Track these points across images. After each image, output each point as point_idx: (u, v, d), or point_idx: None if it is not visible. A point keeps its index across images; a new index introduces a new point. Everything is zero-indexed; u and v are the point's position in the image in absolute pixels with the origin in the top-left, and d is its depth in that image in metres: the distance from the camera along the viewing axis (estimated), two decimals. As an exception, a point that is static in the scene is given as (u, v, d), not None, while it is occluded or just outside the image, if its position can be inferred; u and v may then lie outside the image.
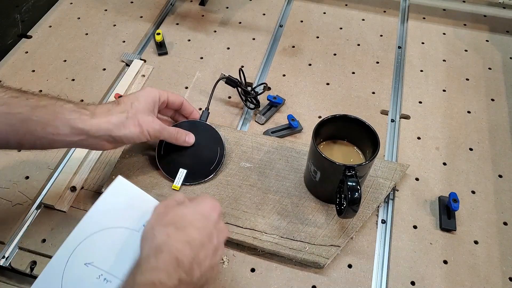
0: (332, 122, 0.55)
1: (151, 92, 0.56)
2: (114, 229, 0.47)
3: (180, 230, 0.42)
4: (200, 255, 0.42)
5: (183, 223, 0.43)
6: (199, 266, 0.42)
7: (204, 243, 0.43)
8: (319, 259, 0.53)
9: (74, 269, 0.45)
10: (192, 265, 0.41)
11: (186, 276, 0.40)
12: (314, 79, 0.76)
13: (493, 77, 0.77)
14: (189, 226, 0.43)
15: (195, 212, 0.45)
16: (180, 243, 0.41)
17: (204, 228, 0.44)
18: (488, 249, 0.56)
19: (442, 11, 0.90)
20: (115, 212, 0.47)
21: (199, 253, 0.42)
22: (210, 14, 0.88)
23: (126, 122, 0.52)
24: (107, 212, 0.47)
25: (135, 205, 0.48)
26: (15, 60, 0.78)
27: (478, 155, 0.66)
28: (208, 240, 0.43)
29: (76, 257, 0.45)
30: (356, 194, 0.49)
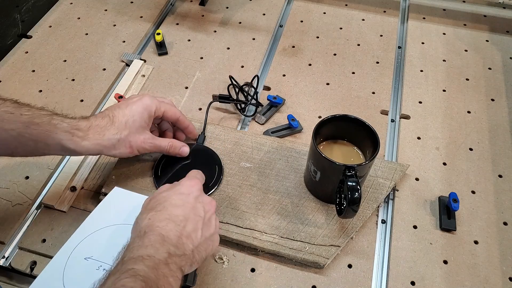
0: (332, 122, 0.55)
1: (148, 106, 0.55)
2: (111, 226, 0.51)
3: (161, 211, 0.45)
4: (187, 229, 0.44)
5: (163, 205, 0.45)
6: (189, 238, 0.44)
7: (188, 217, 0.45)
8: (319, 259, 0.53)
9: (75, 264, 0.48)
10: (180, 238, 0.43)
11: (176, 249, 0.42)
12: (314, 79, 0.76)
13: (493, 77, 0.77)
14: (168, 206, 0.45)
15: (173, 193, 0.47)
16: (162, 221, 0.43)
17: (184, 203, 0.46)
18: (488, 249, 0.56)
19: (442, 11, 0.90)
20: (111, 214, 0.52)
21: (185, 226, 0.44)
22: (210, 14, 0.88)
23: (117, 144, 0.53)
24: (104, 215, 0.52)
25: (129, 205, 0.53)
26: (15, 60, 0.78)
27: (478, 155, 0.66)
28: (192, 213, 0.45)
29: (77, 253, 0.49)
30: (356, 194, 0.49)
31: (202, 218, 0.46)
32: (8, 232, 0.56)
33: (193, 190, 0.48)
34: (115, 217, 0.52)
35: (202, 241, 0.45)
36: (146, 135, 0.56)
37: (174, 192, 0.47)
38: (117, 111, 0.54)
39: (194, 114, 0.70)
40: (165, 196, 0.47)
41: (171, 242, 0.42)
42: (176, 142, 0.59)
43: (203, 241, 0.45)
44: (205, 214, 0.46)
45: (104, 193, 0.58)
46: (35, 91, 0.73)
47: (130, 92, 0.73)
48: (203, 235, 0.45)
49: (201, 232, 0.45)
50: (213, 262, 0.54)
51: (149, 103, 0.56)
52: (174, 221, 0.43)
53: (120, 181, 0.60)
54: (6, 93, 0.72)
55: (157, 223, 0.43)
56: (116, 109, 0.54)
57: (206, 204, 0.48)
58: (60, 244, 0.55)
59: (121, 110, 0.54)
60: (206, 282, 0.52)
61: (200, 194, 0.48)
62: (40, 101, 0.71)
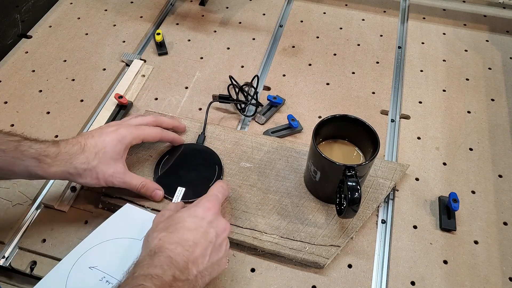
0: (332, 122, 0.55)
1: (123, 138, 0.54)
2: (118, 239, 0.52)
3: (172, 233, 0.45)
4: (195, 254, 0.44)
5: (175, 227, 0.45)
6: (195, 264, 0.43)
7: (198, 242, 0.44)
8: (319, 259, 0.53)
9: (79, 272, 0.49)
10: (187, 264, 0.43)
11: (180, 274, 0.42)
12: (314, 79, 0.76)
13: (493, 77, 0.77)
14: (180, 229, 0.45)
15: (187, 215, 0.47)
16: (172, 244, 0.43)
17: (197, 227, 0.45)
18: (488, 249, 0.56)
19: (442, 11, 0.90)
20: (120, 228, 0.54)
21: (193, 252, 0.44)
22: (210, 14, 0.88)
23: (84, 174, 0.52)
24: (113, 228, 0.54)
25: (138, 222, 0.54)
26: (15, 60, 0.78)
27: (478, 155, 0.66)
28: (203, 238, 0.45)
29: (82, 262, 0.49)
30: (356, 194, 0.49)
31: (212, 243, 0.45)
32: (8, 232, 0.56)
33: (209, 214, 0.47)
34: (124, 231, 0.53)
35: (208, 265, 0.45)
36: (118, 168, 0.54)
37: (189, 214, 0.47)
38: (90, 140, 0.53)
39: (194, 114, 0.70)
40: (179, 217, 0.46)
41: (178, 266, 0.42)
42: (150, 183, 0.57)
43: (209, 266, 0.45)
44: (216, 239, 0.46)
45: (104, 194, 0.58)
46: (35, 91, 0.73)
47: (130, 92, 0.73)
48: (210, 260, 0.45)
49: (208, 257, 0.45)
50: (213, 262, 0.54)
51: (125, 135, 0.55)
52: (183, 245, 0.43)
53: (120, 181, 0.59)
54: (6, 93, 0.72)
55: (167, 245, 0.43)
56: (89, 138, 0.53)
57: (219, 229, 0.47)
58: (60, 244, 0.55)
59: (94, 139, 0.53)
60: (206, 282, 0.52)
61: (215, 218, 0.48)
62: (40, 101, 0.71)
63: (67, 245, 0.55)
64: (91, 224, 0.57)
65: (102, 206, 0.59)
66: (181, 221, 0.46)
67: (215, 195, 0.51)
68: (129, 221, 0.54)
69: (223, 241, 0.47)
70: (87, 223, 0.57)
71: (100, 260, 0.50)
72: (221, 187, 0.53)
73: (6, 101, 0.71)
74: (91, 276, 0.48)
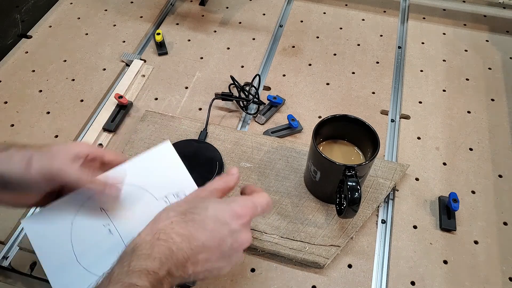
0: (332, 122, 0.55)
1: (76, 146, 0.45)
2: (138, 188, 0.46)
3: (187, 222, 0.40)
4: (199, 256, 0.40)
5: (193, 217, 0.40)
6: (194, 265, 0.40)
7: (207, 247, 0.40)
8: (319, 259, 0.53)
9: (88, 208, 0.45)
10: (186, 262, 0.39)
11: (175, 271, 0.38)
12: (314, 79, 0.76)
13: (493, 77, 0.77)
14: (197, 223, 0.40)
15: (213, 211, 0.41)
16: (179, 235, 0.39)
17: (214, 232, 0.40)
18: (488, 249, 0.56)
19: (442, 11, 0.90)
20: (147, 173, 0.47)
21: (198, 254, 0.40)
22: (210, 14, 0.88)
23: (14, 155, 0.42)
24: (140, 170, 0.47)
25: (168, 175, 0.47)
26: (15, 60, 0.78)
27: (478, 155, 0.66)
28: (216, 245, 0.40)
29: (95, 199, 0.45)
30: (356, 194, 0.49)
31: (221, 253, 0.41)
32: (8, 232, 0.56)
33: (236, 223, 0.41)
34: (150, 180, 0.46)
35: (207, 269, 0.41)
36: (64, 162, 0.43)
37: (216, 210, 0.41)
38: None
39: (194, 114, 0.70)
40: (204, 209, 0.41)
41: (176, 262, 0.38)
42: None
43: (208, 270, 0.41)
44: (229, 251, 0.41)
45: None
46: (35, 91, 0.73)
47: (130, 92, 0.73)
48: (212, 266, 0.41)
49: (211, 263, 0.40)
50: (213, 262, 0.54)
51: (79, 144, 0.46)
52: (190, 242, 0.39)
53: (120, 181, 0.59)
54: (6, 93, 0.72)
55: (174, 235, 0.39)
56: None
57: (238, 242, 0.42)
58: (60, 244, 0.55)
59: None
60: (206, 282, 0.52)
61: (240, 229, 0.41)
62: (40, 101, 0.71)
63: (67, 245, 0.55)
64: (91, 224, 0.57)
65: (102, 206, 0.59)
66: (202, 214, 0.40)
67: (254, 206, 0.43)
68: (161, 168, 0.47)
69: (235, 254, 0.42)
70: (87, 223, 0.57)
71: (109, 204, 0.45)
72: (267, 202, 0.44)
73: (6, 101, 0.71)
74: (97, 217, 0.44)
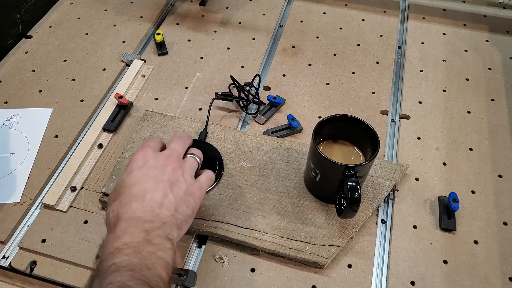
0: (332, 122, 0.55)
1: None
2: None
3: (121, 197, 0.43)
4: (155, 198, 0.42)
5: (120, 191, 0.43)
6: (162, 206, 0.42)
7: (149, 189, 0.43)
8: (319, 259, 0.53)
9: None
10: (151, 212, 0.41)
11: (151, 224, 0.40)
12: (314, 79, 0.76)
13: (493, 77, 0.77)
14: (125, 189, 0.43)
15: (126, 175, 0.45)
16: (125, 206, 0.42)
17: (139, 178, 0.44)
18: (488, 249, 0.56)
19: (442, 11, 0.90)
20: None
21: (152, 198, 0.42)
22: (210, 14, 0.88)
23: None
24: None
25: None
26: (15, 60, 0.78)
27: (478, 155, 0.66)
28: (153, 182, 0.43)
29: None
30: (356, 194, 0.49)
31: (166, 181, 0.44)
32: (8, 232, 0.56)
33: (145, 161, 0.45)
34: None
35: (178, 201, 0.43)
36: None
37: (127, 173, 0.45)
38: None
39: (194, 114, 0.70)
40: (120, 182, 0.45)
41: (144, 220, 0.40)
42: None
43: (179, 201, 0.43)
44: (168, 176, 0.44)
45: (104, 193, 0.58)
46: (35, 91, 0.73)
47: (130, 92, 0.73)
48: (176, 196, 0.44)
49: (171, 195, 0.43)
50: (213, 262, 0.54)
51: None
52: (136, 199, 0.42)
53: (120, 181, 0.60)
54: (6, 93, 0.72)
55: (121, 209, 0.42)
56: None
57: (165, 166, 0.45)
58: (60, 244, 0.55)
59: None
60: (206, 282, 0.52)
61: (153, 160, 0.46)
62: (40, 101, 0.71)
63: (67, 245, 0.55)
64: (91, 224, 0.57)
65: (102, 206, 0.59)
66: (123, 183, 0.44)
67: (145, 144, 0.48)
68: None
69: (176, 174, 0.45)
70: (87, 223, 0.57)
71: None
72: (148, 140, 0.50)
73: (6, 101, 0.71)
74: None
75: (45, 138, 0.66)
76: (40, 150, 0.64)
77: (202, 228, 0.55)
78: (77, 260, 0.54)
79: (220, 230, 0.55)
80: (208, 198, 0.58)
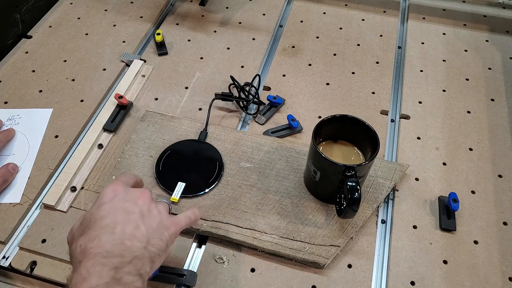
0: (332, 122, 0.55)
1: None
2: None
3: (90, 230, 0.40)
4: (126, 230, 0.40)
5: (89, 225, 0.41)
6: (134, 238, 0.40)
7: (120, 221, 0.41)
8: (319, 259, 0.53)
9: None
10: (121, 245, 0.39)
11: (121, 258, 0.38)
12: (314, 79, 0.76)
13: (493, 77, 0.77)
14: (95, 222, 0.41)
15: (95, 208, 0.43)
16: (93, 240, 0.39)
17: (110, 210, 0.42)
18: (488, 249, 0.56)
19: (442, 11, 0.90)
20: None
21: (122, 230, 0.40)
22: (210, 14, 0.88)
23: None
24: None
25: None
26: (15, 60, 0.78)
27: (478, 155, 0.66)
28: (124, 214, 0.42)
29: None
30: (356, 194, 0.49)
31: (138, 213, 0.42)
32: (8, 232, 0.56)
33: (115, 194, 0.44)
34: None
35: (151, 233, 0.41)
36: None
37: (96, 206, 0.43)
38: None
39: (194, 114, 0.70)
40: (89, 215, 0.42)
41: (112, 254, 0.38)
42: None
43: (152, 233, 0.41)
44: (140, 208, 0.43)
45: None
46: (35, 91, 0.73)
47: (130, 92, 0.73)
48: (148, 227, 0.41)
49: (144, 226, 0.41)
50: (213, 262, 0.54)
51: None
52: (105, 232, 0.39)
53: (120, 181, 0.60)
54: (6, 93, 0.72)
55: (89, 243, 0.39)
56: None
57: (136, 199, 0.44)
58: (60, 244, 0.55)
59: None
60: (206, 282, 0.52)
61: (124, 194, 0.44)
62: (40, 101, 0.71)
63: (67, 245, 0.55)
64: (91, 224, 0.57)
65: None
66: (92, 216, 0.42)
67: (116, 180, 0.47)
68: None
69: (149, 206, 0.44)
70: (87, 223, 0.57)
71: None
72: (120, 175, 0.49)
73: (6, 101, 0.71)
74: None
75: (45, 138, 0.66)
76: (40, 150, 0.64)
77: (202, 228, 0.55)
78: (77, 260, 0.54)
79: (220, 230, 0.55)
80: (208, 199, 0.58)
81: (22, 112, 0.69)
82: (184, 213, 0.48)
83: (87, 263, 0.37)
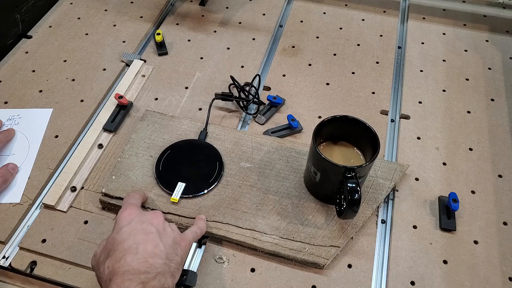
0: (332, 123, 0.55)
1: None
2: None
3: (114, 253, 0.44)
4: (147, 250, 0.44)
5: (113, 248, 0.45)
6: (155, 256, 0.44)
7: (141, 241, 0.45)
8: (319, 259, 0.53)
9: None
10: (145, 263, 0.43)
11: (147, 274, 0.42)
12: (314, 79, 0.76)
13: (493, 77, 0.77)
14: (118, 245, 0.45)
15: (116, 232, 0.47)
16: (119, 261, 0.43)
17: (130, 233, 0.46)
18: (488, 249, 0.56)
19: (442, 11, 0.90)
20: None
21: (144, 249, 0.44)
22: (210, 14, 0.88)
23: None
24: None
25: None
26: (15, 60, 0.78)
27: (478, 155, 0.66)
28: (143, 235, 0.46)
29: None
30: (356, 195, 0.49)
31: (155, 232, 0.47)
32: (8, 232, 0.56)
33: (131, 218, 0.48)
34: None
35: (168, 250, 0.46)
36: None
37: (116, 231, 0.47)
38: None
39: (194, 114, 0.70)
40: (111, 239, 0.47)
41: (139, 271, 0.42)
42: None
43: (169, 249, 0.46)
44: (156, 228, 0.47)
45: (104, 193, 0.58)
46: (35, 91, 0.73)
47: (130, 92, 0.73)
48: (166, 244, 0.46)
49: (162, 244, 0.46)
50: (213, 262, 0.54)
51: None
52: (129, 252, 0.44)
53: (121, 181, 0.60)
54: (6, 93, 0.72)
55: (117, 264, 0.43)
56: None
57: (151, 220, 0.48)
58: (60, 244, 0.55)
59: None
60: (206, 282, 0.53)
61: (140, 217, 0.49)
62: (40, 101, 0.71)
63: (67, 245, 0.55)
64: (91, 224, 0.57)
65: (102, 206, 0.59)
66: (114, 240, 0.46)
67: (127, 202, 0.52)
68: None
69: (164, 226, 0.48)
70: (87, 223, 0.57)
71: None
72: (131, 195, 0.54)
73: (6, 101, 0.71)
74: None
75: (45, 138, 0.66)
76: (40, 150, 0.64)
77: (202, 228, 0.55)
78: (77, 260, 0.54)
79: (220, 231, 0.55)
80: (208, 199, 0.58)
81: (22, 112, 0.69)
82: (191, 229, 0.52)
83: (117, 279, 0.42)
